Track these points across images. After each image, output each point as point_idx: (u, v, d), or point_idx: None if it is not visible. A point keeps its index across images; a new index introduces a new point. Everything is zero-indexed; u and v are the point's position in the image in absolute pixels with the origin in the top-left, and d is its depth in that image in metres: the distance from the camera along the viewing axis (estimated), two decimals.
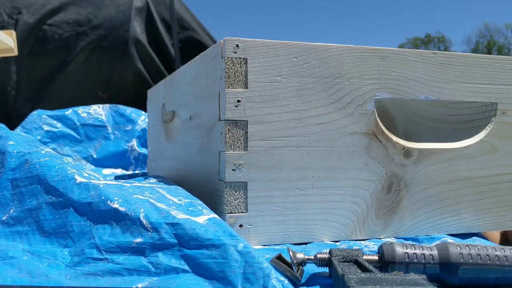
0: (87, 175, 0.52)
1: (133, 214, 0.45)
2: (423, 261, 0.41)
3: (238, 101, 0.51)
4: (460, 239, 0.57)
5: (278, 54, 0.52)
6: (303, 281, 0.42)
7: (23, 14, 1.41)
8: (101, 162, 1.13)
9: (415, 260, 0.41)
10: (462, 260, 0.41)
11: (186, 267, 0.40)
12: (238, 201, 0.51)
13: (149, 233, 0.43)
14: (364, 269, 0.39)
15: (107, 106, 1.20)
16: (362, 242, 0.55)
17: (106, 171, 1.09)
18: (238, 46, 0.51)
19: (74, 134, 1.14)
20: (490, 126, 0.61)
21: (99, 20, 1.50)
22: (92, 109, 1.17)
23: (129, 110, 1.20)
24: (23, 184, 0.51)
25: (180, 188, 0.56)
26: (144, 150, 1.14)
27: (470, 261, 0.41)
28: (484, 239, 0.60)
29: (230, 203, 0.51)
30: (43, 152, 0.54)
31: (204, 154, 0.58)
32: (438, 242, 0.49)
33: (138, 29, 1.52)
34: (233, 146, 0.51)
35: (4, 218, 0.49)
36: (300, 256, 0.42)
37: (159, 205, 0.46)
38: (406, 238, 0.58)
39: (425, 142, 0.59)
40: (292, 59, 0.53)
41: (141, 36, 1.53)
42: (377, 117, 0.56)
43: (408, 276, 0.36)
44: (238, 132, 0.51)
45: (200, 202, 0.50)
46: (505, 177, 0.62)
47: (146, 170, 1.06)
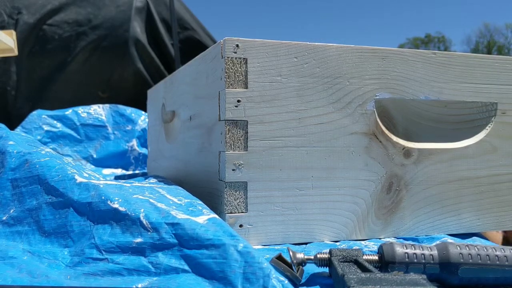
0: (87, 175, 0.52)
1: (133, 214, 0.45)
2: (423, 261, 0.41)
3: (238, 101, 0.51)
4: (460, 239, 0.57)
5: (278, 54, 0.52)
6: (303, 281, 0.42)
7: (23, 14, 1.41)
8: (101, 162, 1.13)
9: (415, 260, 0.41)
10: (462, 260, 0.41)
11: (186, 267, 0.40)
12: (238, 201, 0.52)
13: (149, 233, 0.43)
14: (364, 269, 0.39)
15: (107, 106, 1.20)
16: (362, 242, 0.55)
17: (106, 171, 1.09)
18: (238, 46, 0.51)
19: (74, 134, 1.13)
20: (490, 126, 0.61)
21: (99, 20, 1.50)
22: (92, 109, 1.17)
23: (129, 110, 1.20)
24: (23, 184, 0.51)
25: (180, 188, 0.56)
26: (144, 150, 1.14)
27: (470, 261, 0.41)
28: (484, 239, 0.60)
29: (230, 203, 0.51)
30: (43, 152, 0.54)
31: (204, 154, 0.58)
32: (438, 242, 0.49)
33: (138, 29, 1.52)
34: (233, 146, 0.51)
35: (4, 218, 0.49)
36: (300, 256, 0.42)
37: (159, 205, 0.46)
38: (406, 238, 0.58)
39: (425, 142, 0.59)
40: (292, 59, 0.53)
41: (141, 36, 1.53)
42: (377, 117, 0.56)
43: (408, 276, 0.36)
44: (238, 132, 0.51)
45: (200, 202, 0.50)
46: (505, 177, 0.62)
47: (146, 170, 1.06)
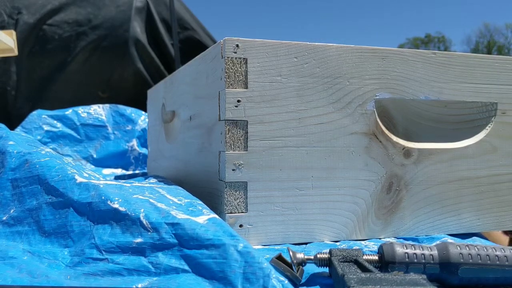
0: (87, 175, 0.52)
1: (133, 214, 0.45)
2: (423, 261, 0.41)
3: (238, 101, 0.51)
4: (460, 239, 0.57)
5: (278, 54, 0.52)
6: (303, 281, 0.42)
7: (23, 14, 1.41)
8: (101, 162, 1.13)
9: (415, 260, 0.41)
10: (462, 260, 0.41)
11: (186, 267, 0.40)
12: (238, 201, 0.52)
13: (149, 233, 0.43)
14: (364, 269, 0.39)
15: (107, 106, 1.20)
16: (362, 242, 0.55)
17: (106, 171, 1.09)
18: (238, 46, 0.51)
19: (74, 134, 1.13)
20: (490, 126, 0.61)
21: (99, 20, 1.50)
22: (92, 109, 1.17)
23: (129, 110, 1.20)
24: (23, 184, 0.51)
25: (180, 188, 0.56)
26: (144, 150, 1.14)
27: (470, 261, 0.41)
28: (484, 239, 0.60)
29: (230, 203, 0.51)
30: (43, 152, 0.54)
31: (204, 154, 0.58)
32: (438, 242, 0.49)
33: (138, 29, 1.52)
34: (233, 146, 0.51)
35: (4, 218, 0.49)
36: (300, 256, 0.42)
37: (159, 205, 0.46)
38: (406, 238, 0.58)
39: (425, 142, 0.59)
40: (292, 59, 0.53)
41: (141, 36, 1.53)
42: (377, 117, 0.56)
43: (408, 276, 0.36)
44: (238, 132, 0.51)
45: (200, 202, 0.50)
46: (505, 177, 0.62)
47: (146, 170, 1.06)
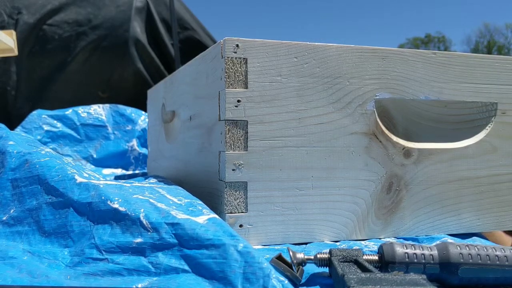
0: (87, 175, 0.52)
1: (133, 214, 0.45)
2: (423, 261, 0.41)
3: (238, 101, 0.51)
4: (460, 239, 0.57)
5: (278, 54, 0.52)
6: (303, 281, 0.42)
7: (23, 14, 1.41)
8: (101, 162, 1.13)
9: (415, 260, 0.41)
10: (462, 260, 0.41)
11: (186, 267, 0.40)
12: (238, 201, 0.52)
13: (149, 233, 0.43)
14: (364, 269, 0.39)
15: (107, 106, 1.20)
16: (362, 242, 0.55)
17: (106, 171, 1.09)
18: (238, 46, 0.51)
19: (74, 134, 1.13)
20: (490, 126, 0.61)
21: (99, 20, 1.50)
22: (92, 109, 1.17)
23: (129, 110, 1.20)
24: (23, 184, 0.51)
25: (180, 188, 0.56)
26: (144, 150, 1.14)
27: (470, 261, 0.41)
28: (484, 239, 0.60)
29: (230, 203, 0.51)
30: (43, 152, 0.54)
31: (204, 154, 0.58)
32: (438, 242, 0.49)
33: (138, 29, 1.52)
34: (233, 146, 0.51)
35: (4, 218, 0.49)
36: (300, 256, 0.42)
37: (159, 205, 0.46)
38: (406, 238, 0.58)
39: (425, 142, 0.59)
40: (292, 59, 0.53)
41: (141, 36, 1.53)
42: (377, 117, 0.56)
43: (408, 276, 0.36)
44: (238, 132, 0.51)
45: (200, 202, 0.50)
46: (505, 177, 0.62)
47: (146, 170, 1.06)
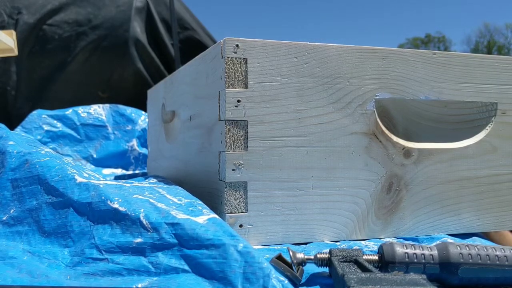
0: (87, 175, 0.52)
1: (133, 214, 0.45)
2: (423, 261, 0.41)
3: (238, 101, 0.51)
4: (460, 239, 0.57)
5: (278, 54, 0.52)
6: (303, 281, 0.42)
7: (23, 14, 1.41)
8: (101, 162, 1.13)
9: (415, 260, 0.41)
10: (462, 260, 0.41)
11: (186, 267, 0.40)
12: (238, 201, 0.52)
13: (149, 233, 0.43)
14: (364, 269, 0.39)
15: (107, 106, 1.20)
16: (362, 242, 0.55)
17: (106, 171, 1.09)
18: (238, 46, 0.51)
19: (74, 134, 1.13)
20: (490, 126, 0.61)
21: (99, 20, 1.50)
22: (92, 109, 1.17)
23: (129, 110, 1.20)
24: (23, 184, 0.51)
25: (180, 188, 0.56)
26: (144, 150, 1.14)
27: (470, 261, 0.41)
28: (484, 239, 0.60)
29: (230, 203, 0.51)
30: (43, 152, 0.54)
31: (204, 154, 0.58)
32: (438, 242, 0.49)
33: (138, 29, 1.52)
34: (233, 146, 0.51)
35: (4, 218, 0.49)
36: (300, 256, 0.42)
37: (159, 205, 0.46)
38: (406, 238, 0.58)
39: (425, 142, 0.59)
40: (292, 59, 0.53)
41: (141, 36, 1.53)
42: (377, 117, 0.56)
43: (408, 276, 0.36)
44: (238, 132, 0.51)
45: (200, 202, 0.50)
46: (505, 177, 0.62)
47: (146, 170, 1.06)
